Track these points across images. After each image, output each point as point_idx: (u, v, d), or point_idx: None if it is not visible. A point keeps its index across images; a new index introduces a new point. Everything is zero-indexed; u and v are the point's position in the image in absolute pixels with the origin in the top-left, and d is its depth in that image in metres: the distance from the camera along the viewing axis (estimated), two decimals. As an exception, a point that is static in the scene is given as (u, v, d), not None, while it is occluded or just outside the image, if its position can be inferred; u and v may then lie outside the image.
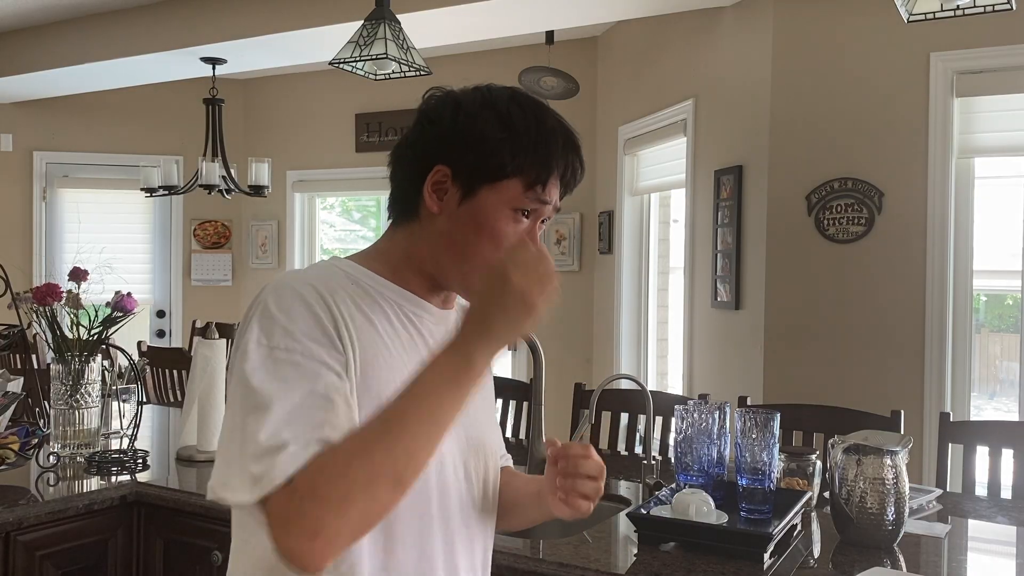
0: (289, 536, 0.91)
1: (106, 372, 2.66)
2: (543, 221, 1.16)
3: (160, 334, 6.63)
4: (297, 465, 0.92)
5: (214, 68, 5.21)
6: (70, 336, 2.42)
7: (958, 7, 2.17)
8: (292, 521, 0.91)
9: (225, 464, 0.97)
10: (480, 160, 1.09)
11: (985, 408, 3.67)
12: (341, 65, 3.15)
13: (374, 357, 1.05)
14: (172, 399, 4.09)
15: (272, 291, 1.04)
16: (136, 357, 3.01)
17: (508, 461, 1.38)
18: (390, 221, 1.19)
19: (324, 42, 4.51)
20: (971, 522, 2.09)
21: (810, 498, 2.01)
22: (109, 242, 5.95)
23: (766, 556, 1.68)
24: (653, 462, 2.28)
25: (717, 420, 1.98)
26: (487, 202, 1.10)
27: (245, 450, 0.94)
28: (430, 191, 1.11)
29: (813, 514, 2.02)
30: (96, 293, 2.49)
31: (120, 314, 2.46)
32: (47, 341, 2.44)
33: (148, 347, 4.54)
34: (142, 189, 5.27)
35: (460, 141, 1.10)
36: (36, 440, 2.17)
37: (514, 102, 1.12)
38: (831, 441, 1.89)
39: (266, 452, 0.93)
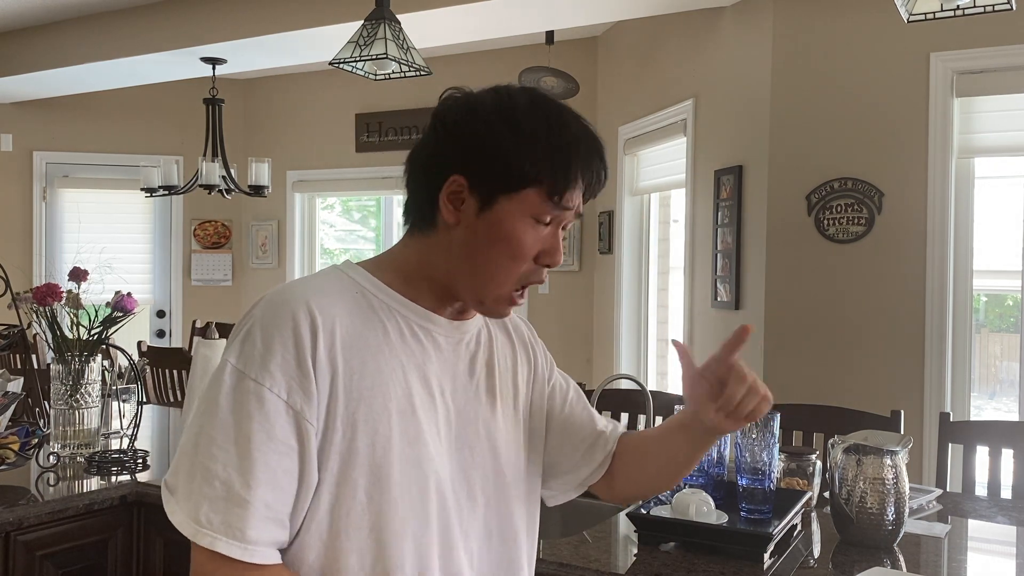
0: None
1: (106, 372, 2.66)
2: (564, 227, 1.12)
3: (160, 334, 6.63)
4: (238, 553, 0.97)
5: (214, 68, 5.21)
6: (70, 336, 2.41)
7: (958, 7, 2.17)
8: None
9: (177, 469, 1.03)
10: (497, 170, 1.05)
11: (985, 408, 3.67)
12: (341, 65, 3.15)
13: (362, 375, 1.04)
14: (172, 399, 4.09)
15: (263, 309, 1.04)
16: (136, 357, 3.01)
17: (612, 428, 1.33)
18: (406, 227, 1.15)
19: (324, 42, 4.51)
20: (971, 522, 2.08)
21: (810, 498, 2.01)
22: (109, 242, 5.95)
23: (766, 556, 1.68)
24: (653, 462, 2.27)
25: (717, 420, 1.97)
26: (506, 212, 1.06)
27: (195, 475, 1.00)
28: (446, 201, 1.07)
29: (813, 514, 2.02)
30: (96, 293, 2.48)
31: (120, 314, 2.45)
32: (47, 341, 2.43)
33: (148, 347, 4.53)
34: (142, 189, 5.27)
35: (475, 151, 1.06)
36: (36, 440, 2.17)
37: (534, 107, 1.07)
38: (831, 441, 1.89)
39: (217, 501, 0.98)
